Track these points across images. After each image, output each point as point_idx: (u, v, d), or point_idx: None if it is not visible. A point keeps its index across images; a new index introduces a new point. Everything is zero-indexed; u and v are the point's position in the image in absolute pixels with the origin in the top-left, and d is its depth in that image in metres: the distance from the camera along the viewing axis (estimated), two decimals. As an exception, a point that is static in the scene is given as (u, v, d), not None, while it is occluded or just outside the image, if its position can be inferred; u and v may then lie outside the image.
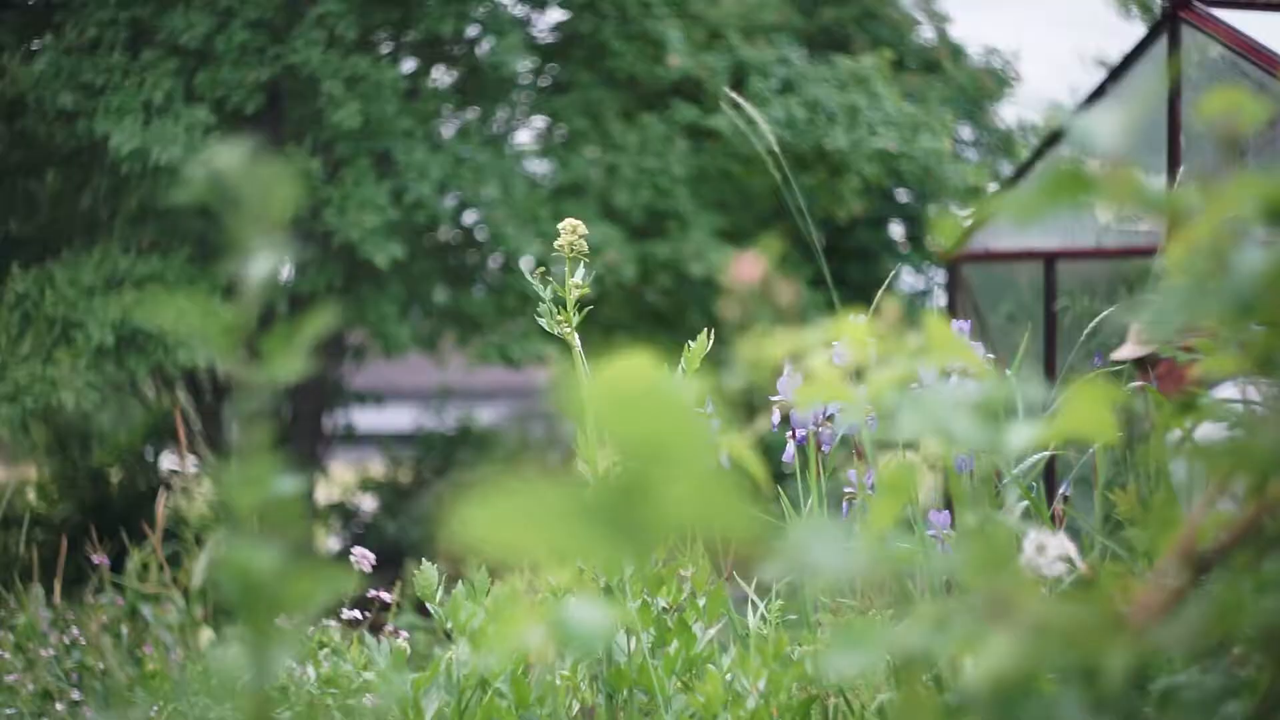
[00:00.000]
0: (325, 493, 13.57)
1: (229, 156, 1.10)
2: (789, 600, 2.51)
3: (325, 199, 10.36)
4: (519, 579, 2.24)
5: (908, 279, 14.34)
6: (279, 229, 1.11)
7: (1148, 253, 6.34)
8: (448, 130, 12.10)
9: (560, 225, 2.42)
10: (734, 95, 2.33)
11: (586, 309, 2.41)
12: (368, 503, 13.98)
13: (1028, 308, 6.83)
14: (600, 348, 2.41)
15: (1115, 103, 6.62)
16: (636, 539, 0.67)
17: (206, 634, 6.16)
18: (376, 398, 13.97)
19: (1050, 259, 6.62)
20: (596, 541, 0.68)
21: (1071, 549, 1.56)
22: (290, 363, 1.11)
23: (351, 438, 14.13)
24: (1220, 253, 0.91)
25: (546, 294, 2.38)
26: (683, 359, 2.40)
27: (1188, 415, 1.30)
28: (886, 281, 2.57)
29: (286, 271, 11.88)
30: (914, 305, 13.11)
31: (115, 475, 12.60)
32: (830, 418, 2.38)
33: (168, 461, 12.80)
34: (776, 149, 2.10)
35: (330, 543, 12.98)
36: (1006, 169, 13.73)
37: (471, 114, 12.40)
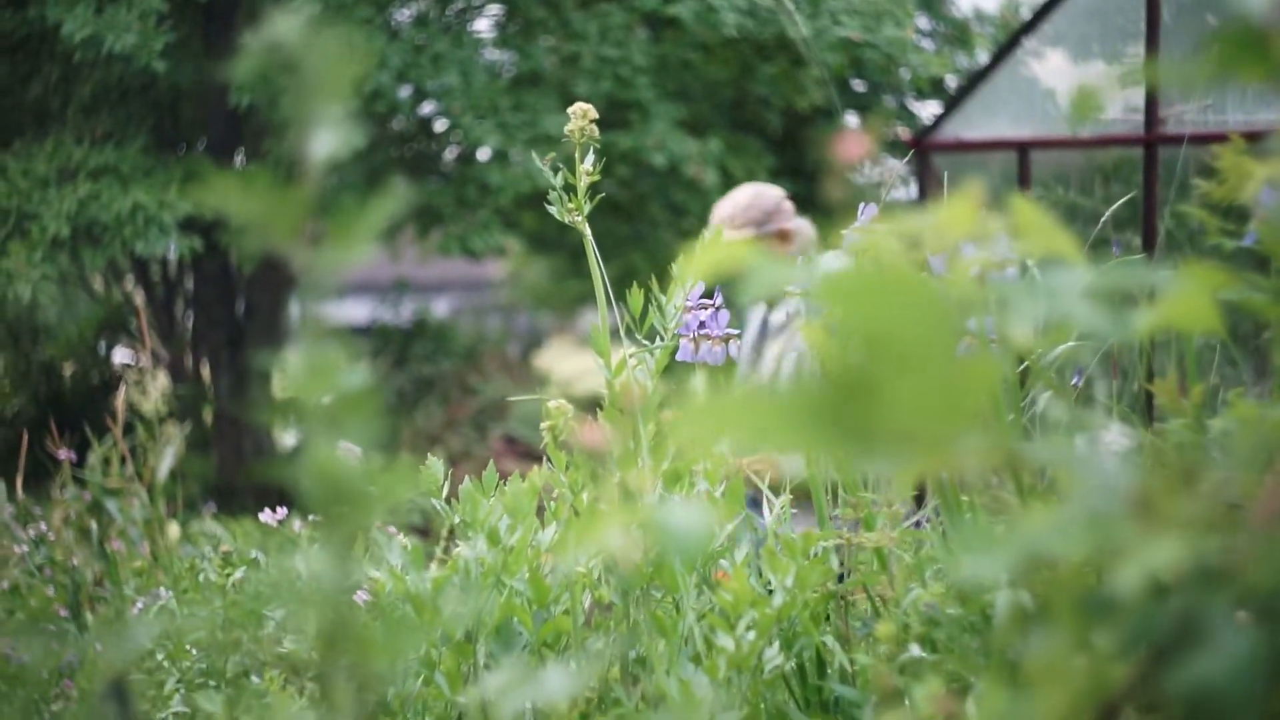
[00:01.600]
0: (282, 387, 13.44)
1: (288, 25, 1.02)
2: (797, 497, 2.46)
3: (282, 88, 10.16)
4: (535, 475, 2.18)
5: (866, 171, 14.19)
6: (345, 103, 1.03)
7: (1122, 141, 6.28)
8: (403, 18, 11.88)
9: (570, 110, 2.34)
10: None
11: (599, 196, 2.33)
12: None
13: (1001, 198, 6.76)
14: (559, 239, 2.35)
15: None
16: (862, 438, 0.61)
17: (174, 529, 6.11)
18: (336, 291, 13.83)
19: (1024, 148, 6.54)
20: (818, 438, 0.61)
21: (1128, 440, 1.51)
22: (360, 247, 1.03)
23: (307, 331, 14.00)
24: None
25: (558, 181, 2.31)
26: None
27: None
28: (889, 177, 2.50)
29: (240, 160, 11.70)
30: (869, 196, 12.95)
31: (68, 369, 12.44)
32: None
33: (120, 355, 12.66)
34: (805, 33, 2.02)
35: (289, 438, 12.89)
36: (962, 60, 13.59)
37: (426, 3, 12.17)
